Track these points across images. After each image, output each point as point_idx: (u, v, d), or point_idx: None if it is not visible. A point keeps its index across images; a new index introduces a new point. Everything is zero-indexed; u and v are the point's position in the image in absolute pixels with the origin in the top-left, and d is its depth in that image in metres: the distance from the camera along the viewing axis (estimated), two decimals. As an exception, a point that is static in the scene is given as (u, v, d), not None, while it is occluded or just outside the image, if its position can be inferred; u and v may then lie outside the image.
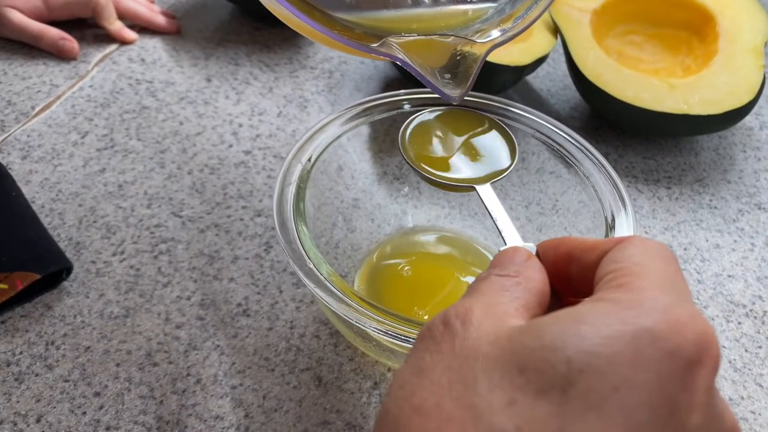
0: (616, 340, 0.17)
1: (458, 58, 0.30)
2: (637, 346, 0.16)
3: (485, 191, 0.30)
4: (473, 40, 0.31)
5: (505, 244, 0.26)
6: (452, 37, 0.31)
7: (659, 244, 0.20)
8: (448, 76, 0.30)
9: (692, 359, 0.17)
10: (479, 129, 0.34)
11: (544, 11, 0.31)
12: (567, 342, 0.17)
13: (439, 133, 0.35)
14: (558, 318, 0.18)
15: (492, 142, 0.34)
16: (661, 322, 0.17)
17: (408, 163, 0.33)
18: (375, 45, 0.29)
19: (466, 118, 0.35)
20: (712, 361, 0.17)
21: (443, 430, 0.17)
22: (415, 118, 0.35)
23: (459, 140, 0.34)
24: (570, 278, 0.22)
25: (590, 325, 0.17)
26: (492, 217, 0.28)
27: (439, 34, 0.31)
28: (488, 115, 0.35)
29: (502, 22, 0.32)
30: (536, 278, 0.22)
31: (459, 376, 0.17)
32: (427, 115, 0.35)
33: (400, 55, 0.29)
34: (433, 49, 0.30)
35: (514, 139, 0.34)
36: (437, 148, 0.34)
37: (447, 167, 0.33)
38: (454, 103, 0.32)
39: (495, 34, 0.31)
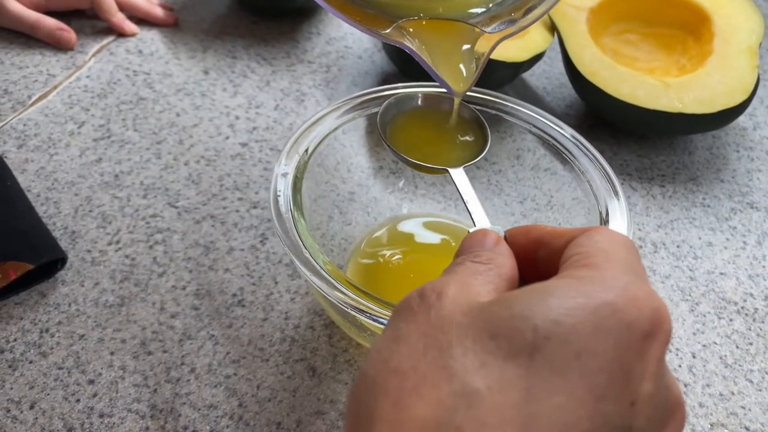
0: (579, 311, 0.18)
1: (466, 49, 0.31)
2: (598, 317, 0.18)
3: (458, 174, 0.31)
4: (482, 30, 0.31)
5: (475, 226, 0.27)
6: (462, 23, 0.31)
7: (623, 236, 0.22)
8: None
9: (647, 332, 0.18)
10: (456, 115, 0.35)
11: (555, 3, 0.31)
12: (534, 312, 0.18)
13: (417, 116, 0.36)
14: (527, 291, 0.19)
15: (467, 129, 0.35)
16: (621, 297, 0.19)
17: (385, 143, 0.33)
18: (386, 31, 0.30)
19: (443, 103, 0.35)
20: (664, 335, 0.19)
21: (419, 389, 0.18)
22: (394, 99, 0.35)
23: (435, 124, 0.35)
24: (537, 262, 0.24)
25: (556, 297, 0.19)
26: (463, 200, 0.29)
27: (450, 18, 0.31)
28: (465, 103, 0.36)
29: (514, 11, 0.32)
30: (507, 264, 0.23)
31: (434, 342, 0.19)
32: (406, 97, 0.36)
33: (409, 44, 0.30)
34: (443, 36, 0.31)
35: (487, 127, 0.35)
36: (414, 130, 0.35)
37: (423, 149, 0.34)
38: (456, 98, 0.32)
39: (503, 26, 0.31)
